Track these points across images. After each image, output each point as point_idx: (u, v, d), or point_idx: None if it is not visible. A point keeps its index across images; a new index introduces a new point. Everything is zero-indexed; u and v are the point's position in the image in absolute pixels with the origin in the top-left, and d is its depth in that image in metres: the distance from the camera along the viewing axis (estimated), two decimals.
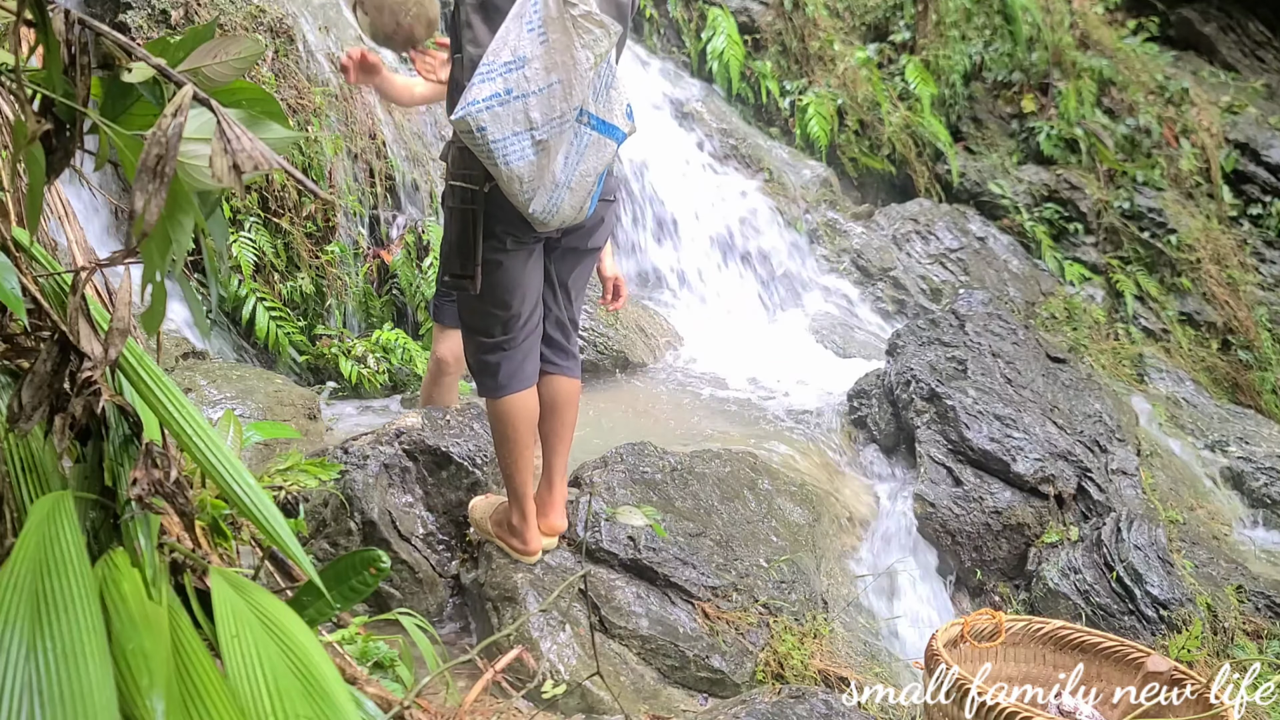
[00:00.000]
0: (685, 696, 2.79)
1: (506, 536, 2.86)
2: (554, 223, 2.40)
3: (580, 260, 2.73)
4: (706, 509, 3.25)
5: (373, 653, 1.80)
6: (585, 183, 2.36)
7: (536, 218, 2.36)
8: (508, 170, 2.27)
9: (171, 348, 4.00)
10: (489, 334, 2.62)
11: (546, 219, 2.37)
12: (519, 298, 2.59)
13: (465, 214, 2.45)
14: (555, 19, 2.20)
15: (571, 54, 2.21)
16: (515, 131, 2.24)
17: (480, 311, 2.61)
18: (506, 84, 2.21)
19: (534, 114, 2.23)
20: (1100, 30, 8.02)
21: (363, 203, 4.91)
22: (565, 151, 2.30)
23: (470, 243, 2.46)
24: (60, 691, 0.80)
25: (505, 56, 2.20)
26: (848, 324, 5.96)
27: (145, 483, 1.04)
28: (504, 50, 2.21)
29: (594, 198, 2.43)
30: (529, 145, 2.25)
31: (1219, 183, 7.57)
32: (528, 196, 2.31)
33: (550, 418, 2.81)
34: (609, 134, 2.35)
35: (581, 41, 2.20)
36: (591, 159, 2.34)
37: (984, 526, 3.84)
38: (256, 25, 4.77)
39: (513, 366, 2.64)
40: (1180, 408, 6.00)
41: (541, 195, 2.32)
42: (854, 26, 7.74)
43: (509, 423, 2.67)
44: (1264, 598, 3.90)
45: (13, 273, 1.00)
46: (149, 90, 1.07)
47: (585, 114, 2.29)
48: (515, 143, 2.25)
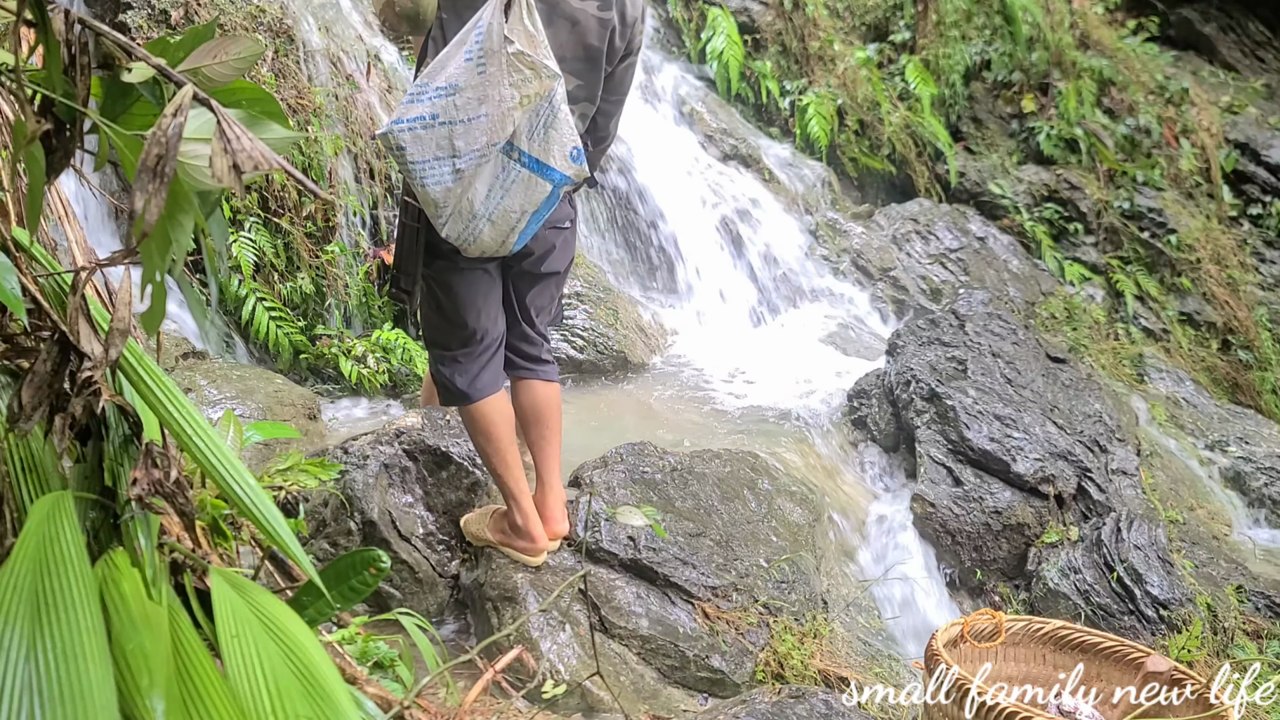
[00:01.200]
0: (685, 696, 2.79)
1: (511, 540, 2.86)
2: (473, 251, 2.39)
3: (537, 282, 2.75)
4: (706, 509, 3.25)
5: (373, 653, 1.80)
6: (509, 218, 2.33)
7: (452, 242, 2.36)
8: (423, 193, 2.27)
9: (171, 348, 4.00)
10: (447, 347, 2.66)
11: (463, 245, 2.37)
12: (474, 314, 2.61)
13: (410, 230, 2.47)
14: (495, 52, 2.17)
15: (501, 90, 2.18)
16: (436, 156, 2.23)
17: (438, 326, 2.66)
18: (434, 109, 2.19)
19: (458, 142, 2.21)
20: (1100, 30, 8.02)
21: (363, 203, 4.90)
22: (488, 184, 2.28)
23: (413, 258, 2.49)
24: (60, 691, 0.80)
25: (439, 81, 2.19)
26: (847, 324, 5.96)
27: (145, 483, 1.04)
28: (440, 75, 2.19)
29: (522, 234, 2.40)
30: (448, 172, 2.24)
31: (1219, 183, 7.57)
32: (441, 221, 2.32)
33: (535, 425, 2.83)
34: (542, 174, 2.31)
35: (510, 80, 2.17)
36: (518, 196, 2.31)
37: (984, 526, 3.84)
38: (256, 25, 4.77)
39: (469, 378, 2.66)
40: (1180, 408, 6.00)
41: (456, 222, 2.31)
42: (854, 26, 7.74)
43: (480, 428, 2.71)
44: (1264, 598, 3.90)
45: (13, 273, 1.00)
46: (149, 90, 1.07)
47: (516, 150, 2.27)
48: (435, 167, 2.24)
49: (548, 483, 2.88)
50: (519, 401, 2.83)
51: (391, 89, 5.26)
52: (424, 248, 2.50)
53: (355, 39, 5.30)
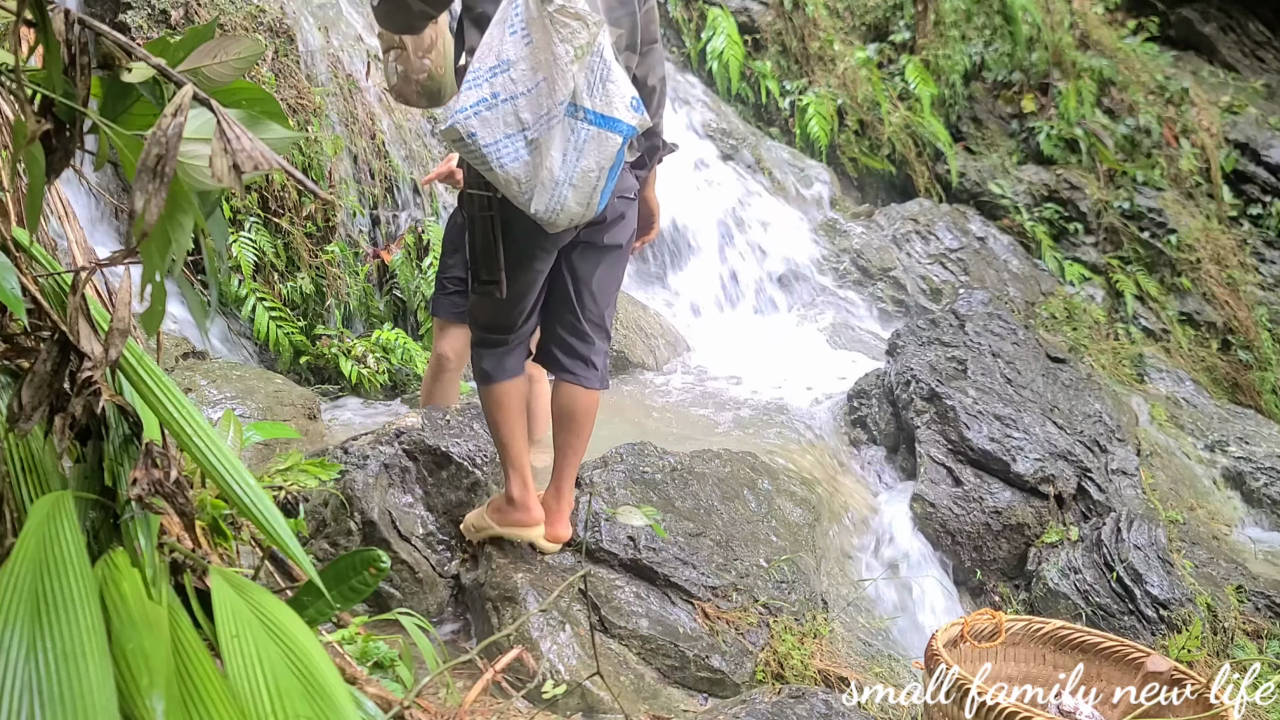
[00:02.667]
0: (685, 696, 2.79)
1: (507, 515, 2.83)
2: (561, 221, 2.38)
3: (602, 257, 2.70)
4: (706, 509, 3.25)
5: (373, 653, 1.80)
6: (589, 179, 2.34)
7: (540, 217, 2.35)
8: (503, 173, 2.28)
9: (171, 348, 4.01)
10: (492, 330, 2.69)
11: (551, 217, 2.36)
12: (521, 311, 2.65)
13: (485, 220, 2.49)
14: (536, 18, 2.21)
15: (552, 51, 2.21)
16: (507, 134, 2.25)
17: (491, 313, 2.67)
18: (493, 88, 2.22)
19: (524, 115, 2.24)
20: (1100, 30, 8.03)
21: (363, 203, 4.91)
22: (562, 149, 2.29)
23: (493, 249, 2.50)
24: (60, 691, 0.80)
25: (490, 61, 2.23)
26: (847, 324, 5.96)
27: (145, 483, 1.04)
28: (489, 56, 2.23)
29: (604, 193, 2.40)
30: (522, 146, 2.26)
31: (1219, 183, 7.57)
32: (526, 197, 2.31)
33: (566, 428, 2.81)
34: (610, 127, 2.32)
35: (559, 36, 2.21)
36: (592, 154, 2.32)
37: (984, 526, 3.84)
38: (256, 25, 4.77)
39: (496, 362, 2.71)
40: (1180, 408, 6.00)
41: (541, 195, 2.31)
42: (854, 26, 7.74)
43: (497, 403, 2.74)
44: (1264, 598, 3.90)
45: (13, 273, 1.00)
46: (149, 90, 1.07)
47: (580, 109, 2.28)
48: (508, 145, 2.26)
49: (560, 488, 2.88)
50: (557, 401, 2.80)
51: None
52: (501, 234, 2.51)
53: (355, 39, 5.30)
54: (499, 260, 2.51)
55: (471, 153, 2.26)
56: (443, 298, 3.47)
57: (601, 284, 2.74)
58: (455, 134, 2.24)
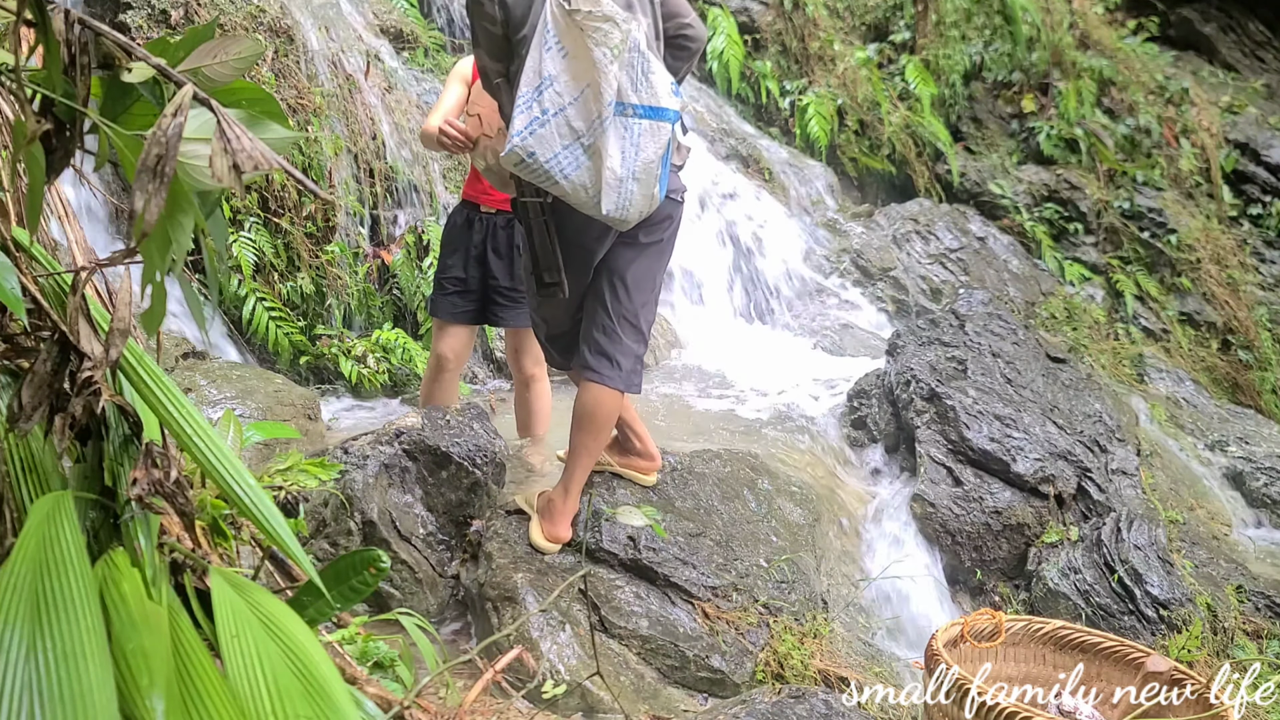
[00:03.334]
0: (685, 696, 2.79)
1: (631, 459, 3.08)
2: (632, 216, 2.48)
3: (639, 254, 2.74)
4: (706, 509, 3.24)
5: (373, 653, 1.80)
6: (650, 170, 2.44)
7: (612, 217, 2.45)
8: (569, 184, 2.39)
9: (171, 348, 4.00)
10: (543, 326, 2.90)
11: (622, 214, 2.45)
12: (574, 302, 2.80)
13: (540, 225, 2.59)
14: (566, 30, 2.31)
15: (590, 57, 2.31)
16: (564, 145, 2.36)
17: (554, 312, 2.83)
18: (541, 106, 2.34)
19: (576, 123, 2.36)
20: (1100, 30, 8.02)
21: (363, 203, 4.90)
22: (619, 147, 2.39)
23: (551, 251, 2.60)
24: (60, 691, 0.80)
25: (534, 81, 2.35)
26: (847, 324, 5.96)
27: (145, 483, 1.04)
28: (533, 77, 2.35)
29: (663, 182, 2.50)
30: (581, 153, 2.37)
31: (1219, 183, 7.57)
32: (596, 200, 2.41)
33: (584, 428, 2.81)
34: (660, 117, 2.43)
35: (593, 40, 2.30)
36: (650, 147, 2.42)
37: (984, 526, 3.84)
38: (256, 25, 4.77)
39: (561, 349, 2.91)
40: (1180, 408, 6.00)
41: (609, 195, 2.40)
42: (854, 26, 7.74)
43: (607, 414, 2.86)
44: (1264, 598, 3.90)
45: (13, 273, 1.00)
46: (149, 90, 1.07)
47: (628, 106, 2.39)
48: (567, 155, 2.37)
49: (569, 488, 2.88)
50: (579, 400, 2.81)
51: (391, 89, 5.26)
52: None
53: (355, 39, 5.30)
54: (556, 261, 2.61)
55: (534, 171, 2.38)
56: (442, 298, 3.47)
57: (637, 279, 2.76)
58: (516, 157, 2.35)
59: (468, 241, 3.44)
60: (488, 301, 3.48)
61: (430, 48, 5.78)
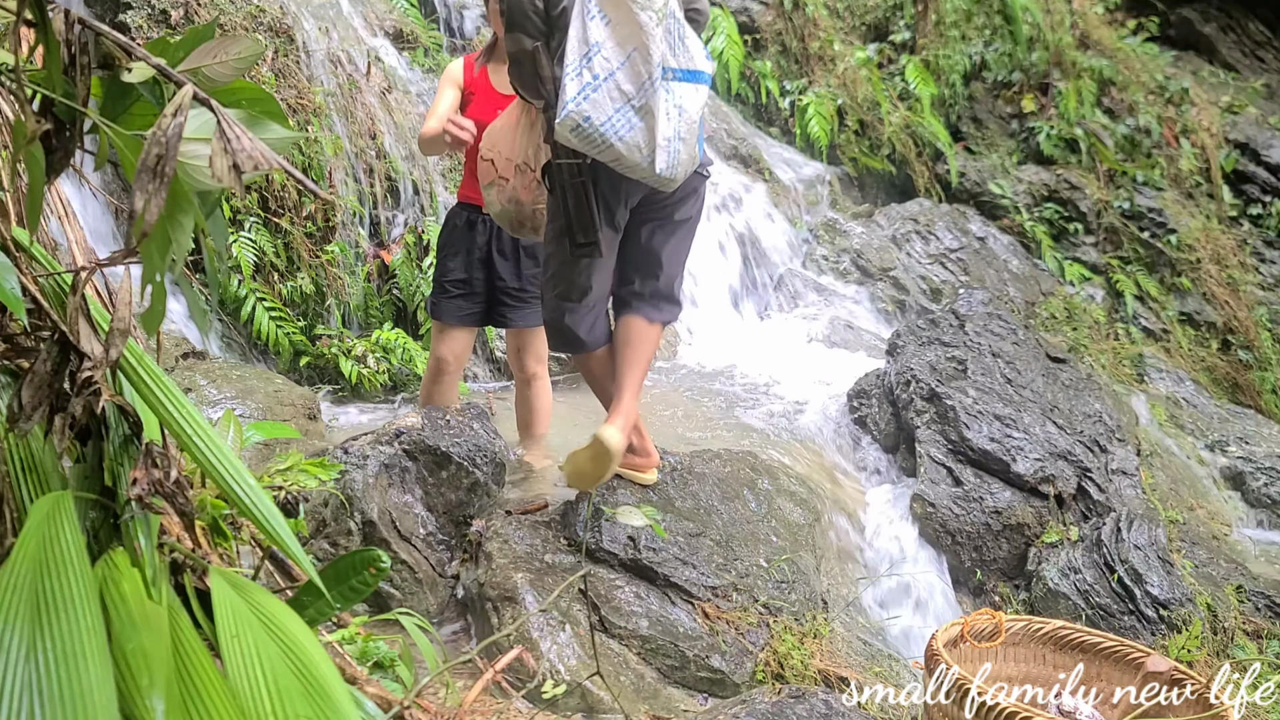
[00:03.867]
0: (685, 696, 2.79)
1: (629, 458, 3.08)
2: (679, 175, 2.60)
3: (674, 231, 2.91)
4: (706, 509, 3.24)
5: (373, 653, 1.80)
6: (693, 129, 2.58)
7: (663, 176, 2.56)
8: (624, 145, 2.49)
9: (171, 348, 4.00)
10: (568, 298, 2.86)
11: (671, 174, 2.57)
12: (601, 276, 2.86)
13: (577, 187, 2.65)
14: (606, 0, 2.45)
15: (636, 22, 2.45)
16: (616, 108, 2.47)
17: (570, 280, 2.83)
18: (591, 72, 2.46)
19: (625, 86, 2.48)
20: (1100, 30, 8.02)
21: (363, 203, 4.91)
22: (665, 110, 2.51)
23: (588, 211, 2.67)
24: (60, 691, 0.80)
25: (581, 50, 2.47)
26: (847, 324, 5.95)
27: (145, 483, 1.04)
28: (579, 45, 2.47)
29: (699, 140, 2.63)
30: (633, 114, 2.49)
31: (1219, 183, 7.57)
32: (650, 159, 2.52)
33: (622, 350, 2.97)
34: (697, 79, 2.57)
35: (638, 5, 2.44)
36: (691, 106, 2.57)
37: (984, 526, 3.84)
38: (256, 25, 4.77)
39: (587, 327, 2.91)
40: (1180, 408, 6.00)
41: (661, 154, 2.52)
42: (854, 26, 7.74)
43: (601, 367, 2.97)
44: (1264, 598, 3.90)
45: (13, 273, 1.00)
46: (149, 90, 1.07)
47: (669, 71, 2.52)
48: (620, 118, 2.48)
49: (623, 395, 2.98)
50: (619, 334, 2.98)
51: (391, 89, 5.26)
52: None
53: (355, 39, 5.30)
54: (595, 221, 2.68)
55: (589, 137, 2.48)
56: (446, 301, 3.45)
57: (671, 256, 2.95)
58: (571, 122, 2.45)
59: (470, 243, 3.43)
60: (493, 303, 3.47)
61: (430, 48, 5.78)
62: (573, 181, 2.65)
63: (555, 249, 2.83)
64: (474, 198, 3.44)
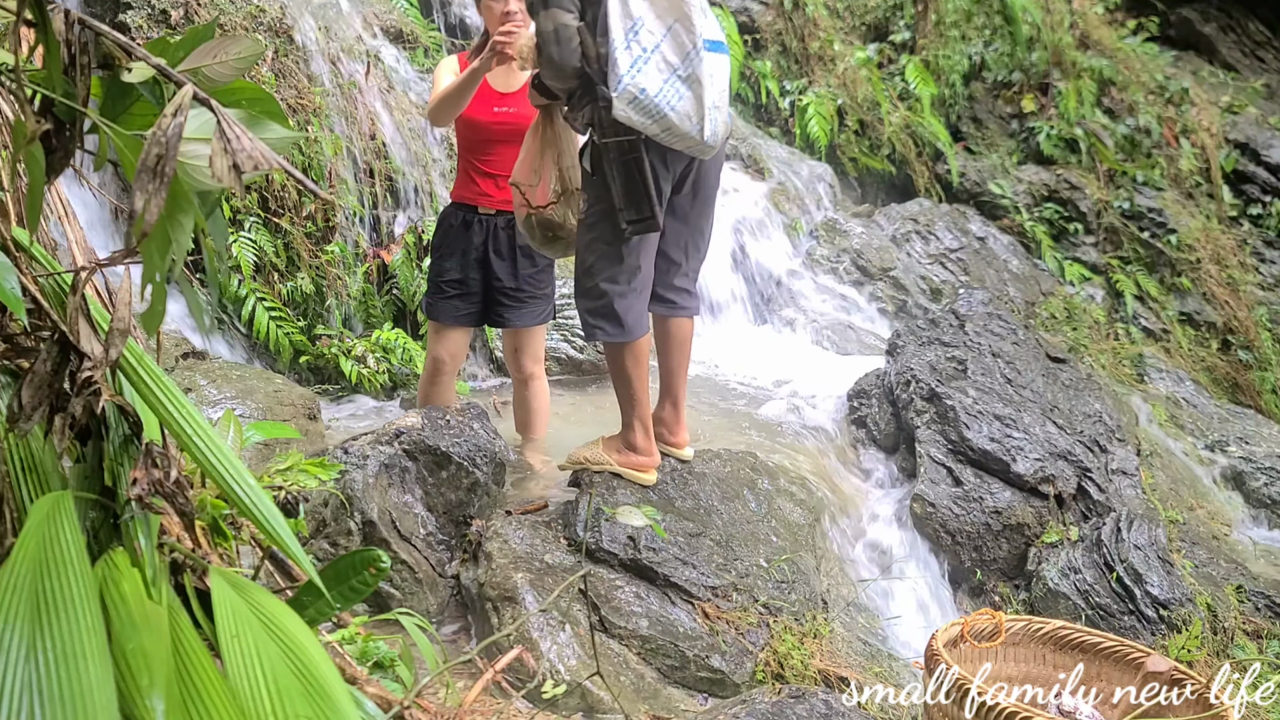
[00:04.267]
0: (685, 696, 2.79)
1: (630, 458, 3.11)
2: (720, 142, 2.71)
3: (704, 208, 3.01)
4: (706, 509, 3.24)
5: (373, 653, 1.80)
6: (724, 98, 2.69)
7: (708, 144, 2.67)
8: (677, 115, 2.58)
9: (171, 348, 4.00)
10: (615, 281, 2.89)
11: (714, 141, 2.68)
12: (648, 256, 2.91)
13: (629, 163, 2.71)
14: None
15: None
16: (664, 80, 2.57)
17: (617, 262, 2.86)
18: (640, 45, 2.56)
19: (671, 58, 2.58)
20: (1100, 30, 8.02)
21: (363, 203, 4.90)
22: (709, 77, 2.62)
23: (644, 185, 2.72)
24: (60, 691, 0.80)
25: (625, 25, 2.56)
26: (847, 324, 5.95)
27: (145, 483, 1.04)
28: (622, 21, 2.56)
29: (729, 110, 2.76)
30: (680, 84, 2.58)
31: (1219, 183, 7.57)
32: (700, 128, 2.62)
33: (675, 352, 3.13)
34: (721, 50, 2.68)
35: None
36: (720, 76, 2.67)
37: (984, 526, 3.84)
38: (256, 25, 4.77)
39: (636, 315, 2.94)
40: (1180, 408, 5.99)
41: (708, 121, 2.63)
42: (854, 26, 7.74)
43: (636, 358, 2.99)
44: (1264, 598, 3.90)
45: (13, 273, 1.00)
46: (149, 90, 1.07)
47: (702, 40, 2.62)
48: (670, 89, 2.58)
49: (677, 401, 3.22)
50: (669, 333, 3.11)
51: (391, 89, 5.26)
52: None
53: (355, 39, 5.30)
54: (651, 194, 2.72)
55: (646, 108, 2.56)
56: (443, 302, 3.45)
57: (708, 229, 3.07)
58: (629, 95, 2.54)
59: (467, 244, 3.42)
60: (490, 303, 3.47)
61: (430, 48, 5.78)
62: (623, 159, 2.70)
63: (595, 236, 2.85)
64: (468, 198, 3.44)
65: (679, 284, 3.07)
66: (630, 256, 2.86)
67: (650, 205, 2.72)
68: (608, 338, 2.96)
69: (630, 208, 2.73)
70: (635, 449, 3.11)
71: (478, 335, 4.78)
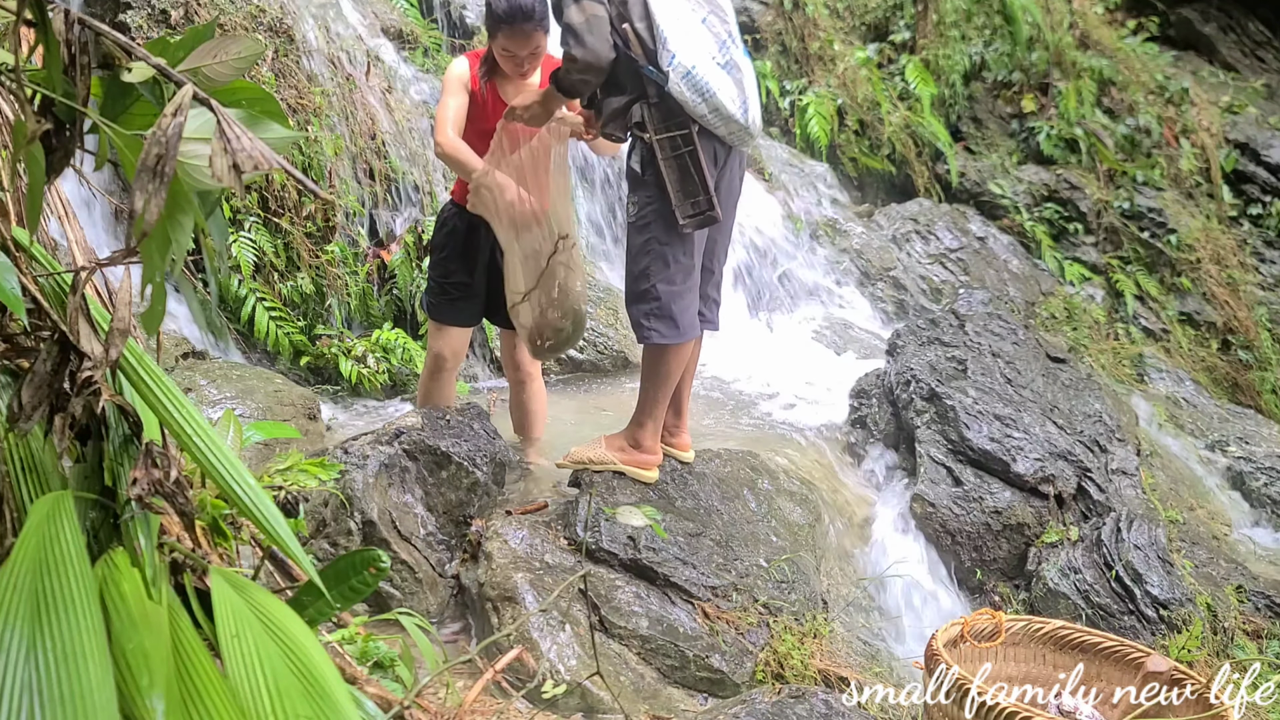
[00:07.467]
0: (685, 696, 2.79)
1: (634, 455, 3.13)
2: (759, 131, 2.81)
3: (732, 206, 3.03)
4: (706, 509, 3.24)
5: (373, 653, 1.80)
6: (755, 89, 2.79)
7: (750, 130, 2.76)
8: (717, 100, 2.66)
9: (171, 348, 4.00)
10: (673, 283, 2.88)
11: (755, 130, 2.78)
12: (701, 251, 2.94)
13: (683, 157, 2.74)
14: None
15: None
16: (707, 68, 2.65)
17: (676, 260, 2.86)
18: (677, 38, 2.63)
19: (707, 45, 2.68)
20: (1100, 30, 8.02)
21: (363, 203, 4.90)
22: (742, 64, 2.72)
23: (698, 177, 2.74)
24: (60, 691, 0.80)
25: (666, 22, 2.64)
26: (848, 324, 5.95)
27: (145, 483, 1.04)
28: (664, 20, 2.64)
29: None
30: (717, 69, 2.67)
31: (1219, 183, 7.57)
32: (745, 111, 2.72)
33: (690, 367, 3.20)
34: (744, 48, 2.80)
35: None
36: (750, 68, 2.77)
37: (984, 526, 3.83)
38: (256, 25, 4.77)
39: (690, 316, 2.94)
40: (1180, 408, 5.99)
41: (750, 107, 2.73)
42: (854, 26, 7.74)
43: (680, 362, 3.02)
44: (1264, 598, 3.89)
45: (13, 273, 1.00)
46: (149, 90, 1.07)
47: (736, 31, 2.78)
48: (711, 75, 2.65)
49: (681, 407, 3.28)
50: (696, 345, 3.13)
51: (391, 89, 5.26)
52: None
53: (355, 39, 5.30)
54: (708, 184, 2.74)
55: (698, 86, 2.64)
56: (447, 303, 3.42)
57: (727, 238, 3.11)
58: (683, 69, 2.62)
59: (474, 248, 3.38)
60: (493, 304, 3.45)
61: (430, 48, 5.78)
62: (676, 154, 2.72)
63: (650, 237, 2.84)
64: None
65: (711, 293, 3.10)
66: (685, 255, 2.86)
67: (709, 196, 2.73)
68: (662, 339, 2.90)
69: (686, 201, 2.75)
70: (641, 447, 3.13)
71: (478, 335, 4.78)
